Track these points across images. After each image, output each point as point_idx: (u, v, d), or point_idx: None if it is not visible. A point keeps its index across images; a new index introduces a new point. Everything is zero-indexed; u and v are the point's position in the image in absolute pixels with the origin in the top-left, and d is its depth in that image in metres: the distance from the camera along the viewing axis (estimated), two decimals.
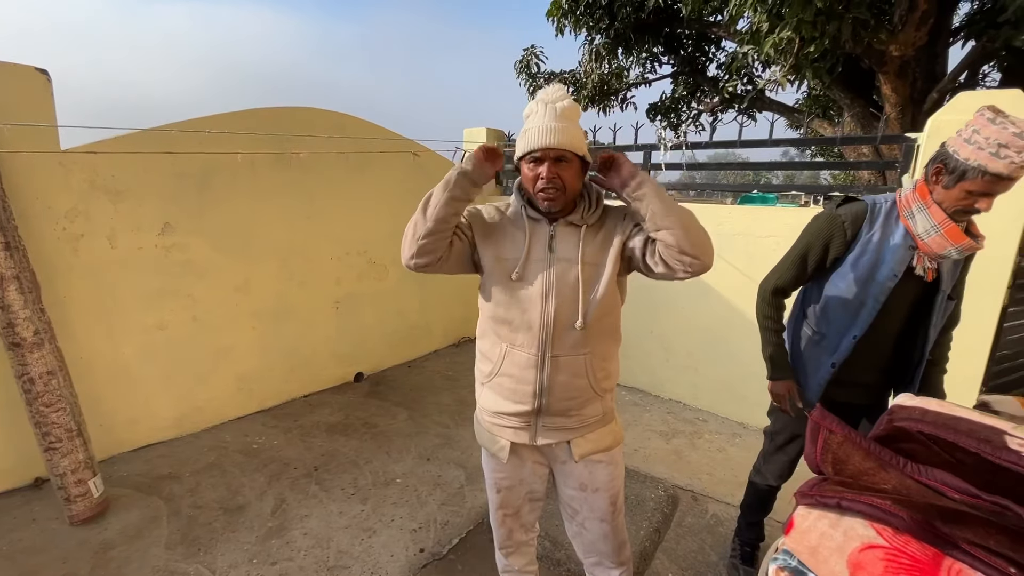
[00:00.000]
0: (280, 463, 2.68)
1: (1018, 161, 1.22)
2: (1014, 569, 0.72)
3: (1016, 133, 1.22)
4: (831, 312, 1.60)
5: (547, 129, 1.17)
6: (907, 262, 1.45)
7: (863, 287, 1.52)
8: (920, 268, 1.45)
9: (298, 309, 3.43)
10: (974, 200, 1.33)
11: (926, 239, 1.40)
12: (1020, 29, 3.47)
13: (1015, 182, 1.28)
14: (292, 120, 3.17)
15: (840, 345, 1.58)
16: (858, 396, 1.67)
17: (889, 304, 1.50)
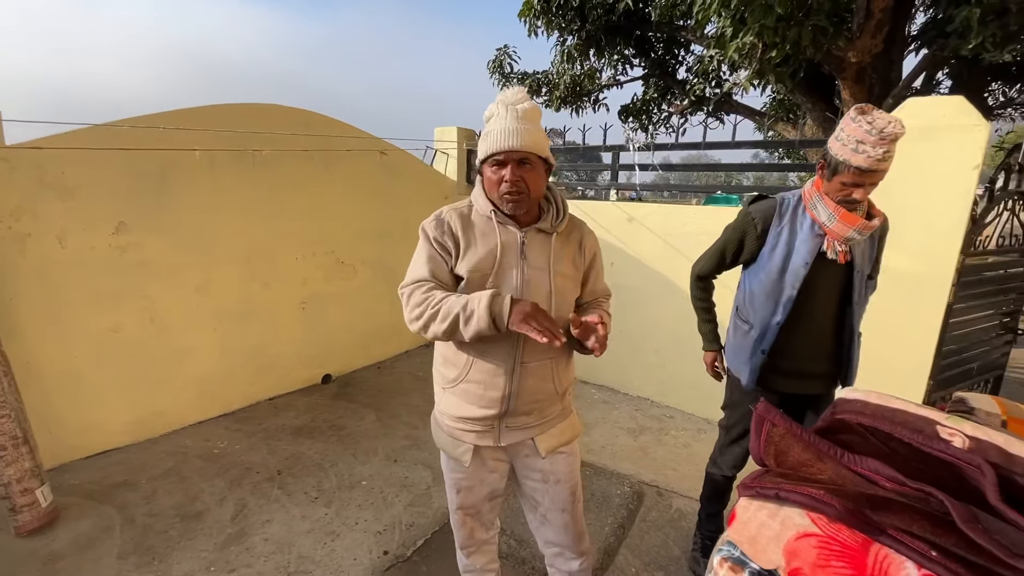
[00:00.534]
0: (242, 468, 2.62)
1: (873, 155, 1.37)
2: (935, 552, 0.75)
3: (868, 130, 1.37)
4: (755, 302, 1.71)
5: (510, 131, 1.16)
6: (817, 249, 1.57)
7: (780, 276, 1.63)
8: (831, 252, 1.57)
9: (262, 310, 3.35)
10: (849, 191, 1.47)
11: (830, 225, 1.54)
12: (966, 39, 3.64)
13: (882, 173, 1.42)
14: (254, 117, 3.10)
15: (767, 333, 1.68)
16: (808, 386, 1.75)
17: (814, 290, 1.61)
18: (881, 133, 1.36)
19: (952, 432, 1.06)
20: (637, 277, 3.60)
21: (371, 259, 4.00)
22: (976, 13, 3.53)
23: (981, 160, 2.21)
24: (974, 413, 1.52)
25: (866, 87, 4.86)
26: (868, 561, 0.77)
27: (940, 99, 2.31)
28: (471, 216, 1.29)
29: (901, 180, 2.38)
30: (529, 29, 6.57)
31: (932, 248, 2.34)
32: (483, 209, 1.28)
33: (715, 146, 3.39)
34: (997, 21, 3.54)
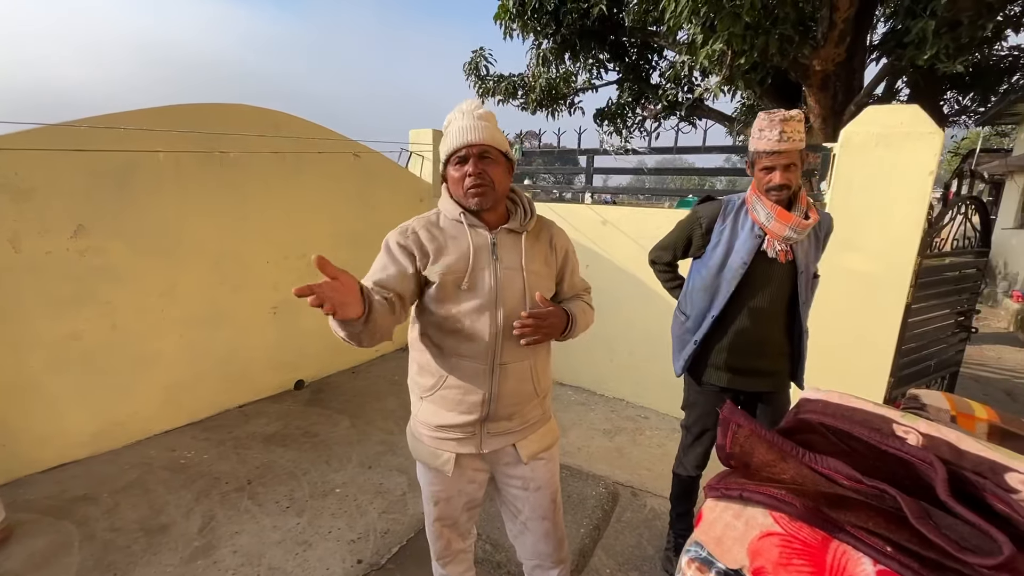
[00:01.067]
0: (210, 478, 2.54)
1: (771, 136, 1.56)
2: (890, 548, 0.78)
3: (766, 119, 1.58)
4: (694, 296, 1.81)
5: (468, 127, 1.20)
6: (756, 249, 1.66)
7: (719, 273, 1.72)
8: (771, 251, 1.66)
9: (232, 315, 3.27)
10: (769, 176, 1.62)
11: (769, 225, 1.64)
12: (922, 50, 3.80)
13: (789, 155, 1.58)
14: (222, 118, 3.02)
15: (701, 325, 1.78)
16: (759, 384, 1.80)
17: (757, 289, 1.69)
18: (772, 118, 1.57)
19: (907, 430, 1.10)
20: (611, 279, 3.64)
21: (345, 263, 3.84)
22: (931, 25, 3.69)
23: (935, 166, 2.31)
24: (926, 409, 1.59)
25: (830, 94, 5.02)
26: (827, 558, 0.80)
27: (897, 107, 2.40)
28: (440, 223, 1.29)
29: (861, 185, 2.48)
30: (504, 32, 6.58)
31: (891, 250, 2.43)
32: (451, 213, 1.28)
33: (687, 151, 3.46)
34: (950, 33, 3.71)
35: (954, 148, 16.50)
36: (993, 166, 9.57)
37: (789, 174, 1.61)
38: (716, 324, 1.76)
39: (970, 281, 3.27)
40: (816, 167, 3.14)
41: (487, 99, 7.73)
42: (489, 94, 7.69)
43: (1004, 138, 15.14)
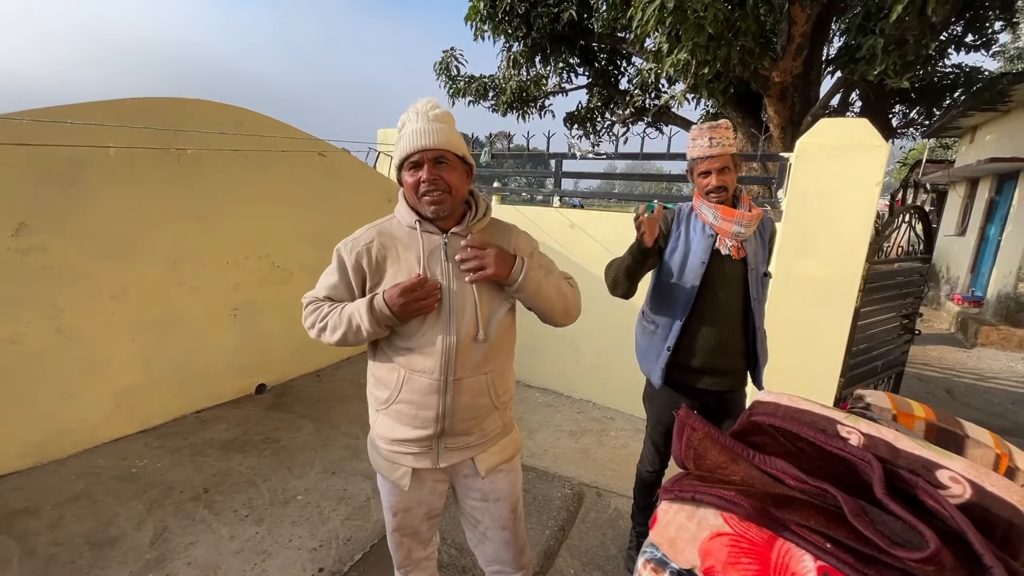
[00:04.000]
0: (164, 487, 2.45)
1: (702, 143, 1.70)
2: (829, 544, 0.82)
3: (697, 127, 1.73)
4: (660, 303, 1.85)
5: (422, 131, 1.16)
6: (711, 247, 1.76)
7: (680, 276, 1.79)
8: (724, 248, 1.76)
9: (189, 317, 3.15)
10: (705, 180, 1.74)
11: (718, 224, 1.74)
12: (872, 65, 4.00)
13: (718, 158, 1.70)
14: (180, 113, 2.92)
15: (671, 330, 1.81)
16: (720, 383, 1.86)
17: (715, 288, 1.76)
18: (701, 127, 1.72)
19: (850, 430, 1.16)
20: (579, 281, 3.66)
21: (310, 263, 3.86)
22: (880, 43, 3.88)
23: (881, 177, 2.43)
24: (871, 408, 1.67)
25: (788, 105, 5.22)
26: (772, 556, 0.83)
27: (847, 121, 2.52)
28: (393, 230, 1.26)
29: (815, 194, 2.58)
30: (475, 33, 6.58)
31: (841, 256, 2.55)
32: (406, 220, 1.25)
33: (652, 156, 3.54)
34: (897, 51, 3.91)
35: (903, 158, 17.42)
36: (937, 176, 10.14)
37: (724, 176, 1.72)
38: (684, 327, 1.80)
39: (914, 286, 3.46)
40: (774, 176, 3.27)
41: (458, 100, 7.72)
42: (460, 95, 7.67)
43: (948, 150, 16.08)
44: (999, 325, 6.58)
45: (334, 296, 1.30)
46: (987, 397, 4.52)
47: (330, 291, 1.30)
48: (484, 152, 4.25)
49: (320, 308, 1.28)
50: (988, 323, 6.70)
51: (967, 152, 9.96)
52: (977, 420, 3.83)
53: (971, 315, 7.20)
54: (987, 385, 4.87)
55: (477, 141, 6.15)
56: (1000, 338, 6.39)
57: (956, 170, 9.17)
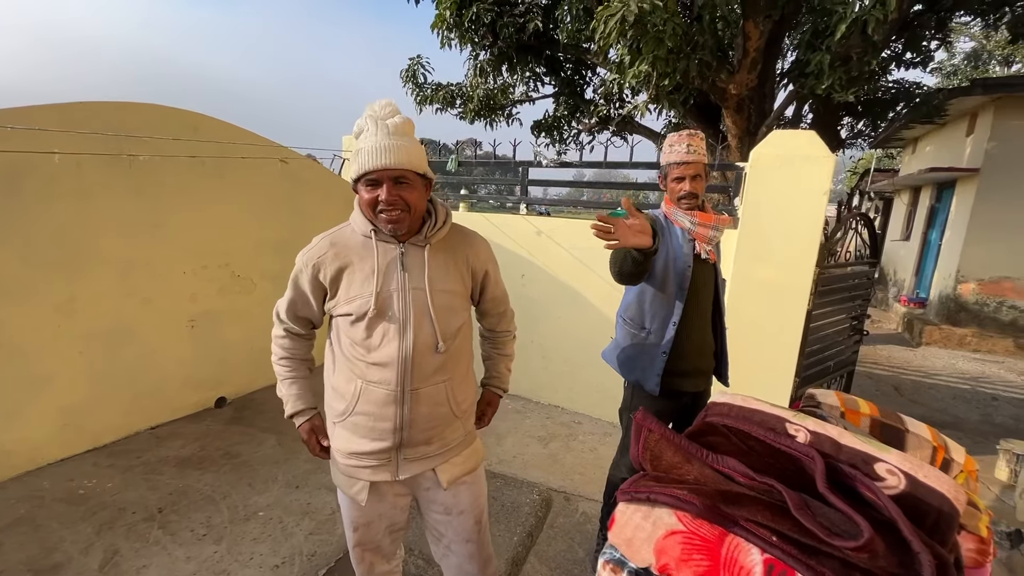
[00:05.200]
0: (114, 508, 2.33)
1: (679, 149, 1.77)
2: (775, 537, 0.86)
3: (674, 135, 1.80)
4: (652, 307, 1.86)
5: (381, 148, 1.11)
6: (692, 251, 1.83)
7: (668, 280, 1.83)
8: (703, 252, 1.83)
9: (142, 330, 3.03)
10: (678, 186, 1.80)
11: (696, 229, 1.81)
12: (820, 80, 4.21)
13: (692, 165, 1.77)
14: (132, 118, 2.81)
15: (665, 335, 1.84)
16: (698, 384, 1.93)
17: (696, 291, 1.83)
18: (680, 134, 1.78)
19: (797, 428, 1.22)
20: (547, 288, 3.73)
21: (272, 272, 3.77)
22: (827, 59, 4.10)
23: (828, 186, 2.56)
24: (821, 407, 1.75)
25: (745, 116, 5.44)
26: (722, 551, 0.87)
27: (796, 132, 2.65)
28: (348, 239, 1.24)
29: (768, 202, 2.70)
30: (442, 41, 6.59)
31: (793, 261, 2.67)
32: (360, 229, 1.23)
33: (615, 165, 3.62)
34: (843, 67, 4.13)
35: (853, 168, 18.34)
36: (883, 184, 10.72)
37: (696, 184, 1.79)
38: (677, 331, 1.84)
39: (862, 289, 3.64)
40: (731, 184, 3.39)
41: (425, 107, 7.70)
42: (427, 102, 7.66)
43: (893, 159, 17.03)
44: (941, 325, 6.98)
45: (297, 309, 1.33)
46: (931, 393, 4.79)
47: (290, 307, 1.34)
48: (451, 160, 4.25)
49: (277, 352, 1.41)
50: (931, 323, 7.10)
51: (910, 162, 10.58)
52: (922, 415, 4.07)
53: (916, 316, 7.62)
54: (931, 382, 5.16)
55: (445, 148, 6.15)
56: (942, 337, 6.79)
57: (900, 179, 9.72)
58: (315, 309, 1.31)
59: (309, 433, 1.41)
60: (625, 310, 1.96)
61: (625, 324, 1.95)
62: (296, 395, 1.40)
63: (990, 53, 15.63)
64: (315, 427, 1.41)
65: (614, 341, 2.02)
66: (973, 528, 1.42)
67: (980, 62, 16.04)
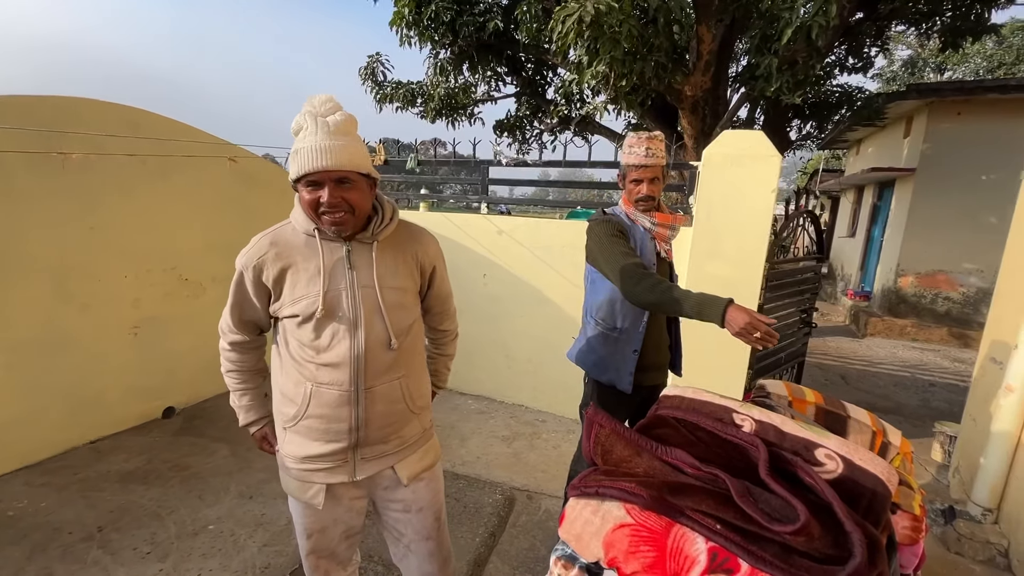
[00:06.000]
0: (48, 529, 2.18)
1: (639, 151, 1.77)
2: (719, 525, 0.88)
3: (634, 136, 1.80)
4: (622, 307, 1.85)
5: (322, 149, 1.06)
6: (654, 249, 1.86)
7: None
8: (662, 251, 1.89)
9: (79, 338, 2.85)
10: (638, 188, 1.81)
11: (656, 229, 1.84)
12: (769, 83, 4.38)
13: (655, 169, 1.80)
14: (63, 113, 2.64)
15: (636, 333, 1.85)
16: (656, 377, 1.97)
17: None
18: (640, 136, 1.78)
19: (743, 418, 1.25)
20: (509, 288, 3.73)
21: (223, 275, 3.61)
22: (775, 62, 4.26)
23: (776, 184, 2.66)
24: (770, 397, 1.81)
25: (700, 117, 5.60)
26: (668, 542, 0.88)
27: (745, 133, 2.73)
28: (290, 238, 1.20)
29: (720, 200, 2.78)
30: (401, 39, 6.50)
31: (744, 257, 2.75)
32: (302, 227, 1.19)
33: (574, 164, 3.65)
34: (789, 70, 4.31)
35: (803, 168, 19.18)
36: (830, 184, 11.26)
37: (654, 186, 1.82)
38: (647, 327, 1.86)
39: (810, 283, 3.80)
40: (686, 183, 3.48)
41: (385, 105, 7.58)
42: (387, 100, 7.54)
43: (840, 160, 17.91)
44: (884, 316, 7.39)
45: (241, 314, 1.28)
46: (874, 381, 5.05)
47: (234, 313, 1.28)
48: (410, 158, 4.19)
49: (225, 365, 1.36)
50: (875, 315, 7.50)
51: (854, 162, 11.15)
52: (866, 402, 4.27)
53: (861, 308, 8.03)
54: (875, 370, 5.45)
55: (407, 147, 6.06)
56: (885, 328, 7.18)
57: (845, 178, 10.22)
58: (260, 312, 1.26)
59: (261, 440, 1.42)
60: (596, 311, 1.93)
61: (597, 325, 1.93)
62: (247, 407, 1.39)
63: (925, 61, 16.67)
64: (267, 435, 1.41)
65: (583, 341, 1.99)
66: (908, 507, 1.49)
67: (916, 69, 17.08)
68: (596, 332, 1.92)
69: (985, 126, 6.71)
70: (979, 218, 6.74)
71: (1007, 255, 2.83)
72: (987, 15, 5.37)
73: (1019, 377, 2.31)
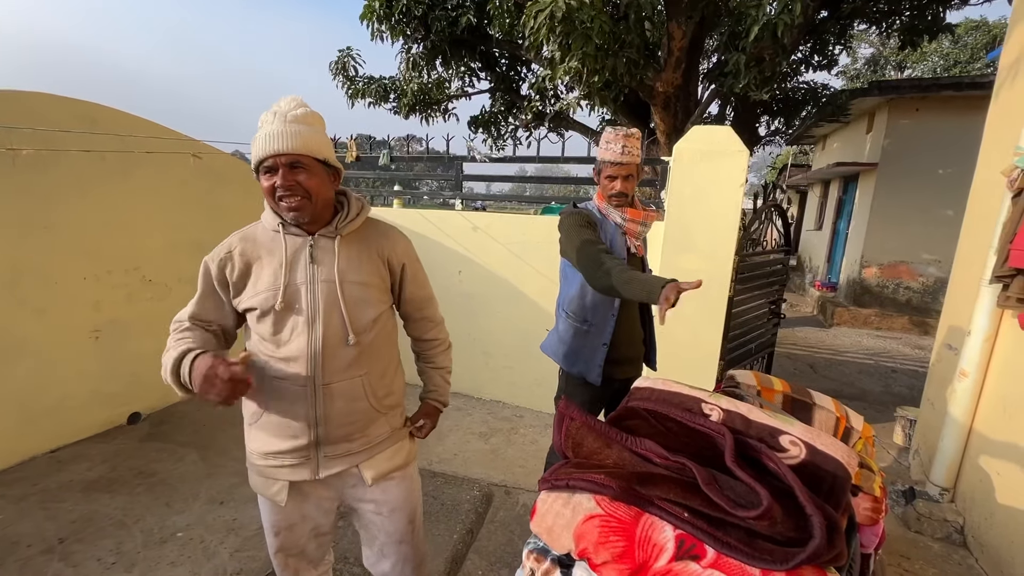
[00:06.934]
0: (5, 543, 2.09)
1: (615, 148, 1.78)
2: (687, 513, 0.90)
3: (611, 132, 1.79)
4: (593, 300, 1.88)
5: (275, 135, 1.10)
6: (625, 244, 1.87)
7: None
8: (632, 246, 1.89)
9: (35, 343, 2.73)
10: (613, 184, 1.82)
11: (626, 224, 1.85)
12: (737, 79, 4.46)
13: (625, 166, 1.79)
14: (13, 108, 2.52)
15: (606, 327, 1.88)
16: (629, 371, 1.98)
17: None
18: (617, 133, 1.79)
19: (712, 407, 1.27)
20: (484, 284, 3.72)
21: (190, 275, 3.46)
22: (743, 59, 4.34)
23: (744, 179, 2.71)
24: (740, 387, 1.85)
25: (672, 113, 5.67)
26: (637, 531, 0.89)
27: (714, 128, 2.78)
28: (258, 235, 1.22)
29: (691, 194, 2.82)
30: (372, 33, 6.39)
31: (715, 250, 2.81)
32: (270, 224, 1.22)
33: (547, 160, 3.66)
34: (757, 67, 4.40)
35: (773, 163, 19.65)
36: (798, 179, 11.57)
37: (628, 184, 1.83)
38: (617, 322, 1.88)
39: (778, 275, 3.91)
40: (658, 178, 3.52)
41: (357, 101, 7.45)
42: (359, 96, 7.41)
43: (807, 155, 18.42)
44: (849, 306, 7.64)
45: (199, 313, 1.23)
46: (841, 369, 5.23)
47: (196, 306, 1.23)
48: (383, 154, 4.14)
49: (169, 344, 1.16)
50: (841, 305, 7.75)
51: (820, 158, 11.47)
52: (833, 390, 4.41)
53: (828, 299, 8.28)
54: (841, 359, 5.63)
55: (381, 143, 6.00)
56: (851, 317, 7.42)
57: (812, 173, 10.51)
58: (226, 310, 1.24)
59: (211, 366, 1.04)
60: (568, 304, 1.96)
61: (568, 317, 1.96)
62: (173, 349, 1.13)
63: (886, 59, 17.25)
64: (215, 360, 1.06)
65: (555, 334, 2.02)
66: (868, 489, 1.55)
67: (878, 67, 17.66)
68: (567, 324, 1.95)
69: (941, 122, 6.98)
70: (936, 211, 7.02)
71: (960, 246, 2.95)
72: (943, 14, 5.59)
73: (972, 363, 2.42)
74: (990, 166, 2.61)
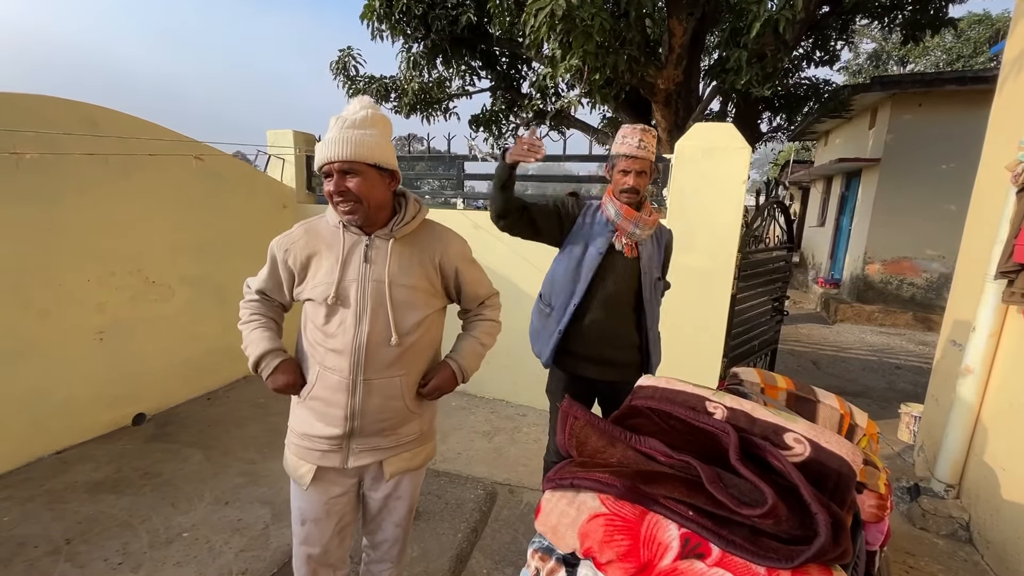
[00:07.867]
0: (12, 544, 2.10)
1: (632, 142, 1.78)
2: (691, 512, 0.90)
3: (627, 127, 1.82)
4: (557, 287, 1.92)
5: (331, 141, 1.16)
6: (608, 242, 1.85)
7: (578, 264, 1.87)
8: (619, 244, 1.85)
9: (40, 345, 2.74)
10: (625, 179, 1.82)
11: (618, 221, 1.83)
12: (739, 76, 4.45)
13: (645, 162, 1.80)
14: (16, 111, 2.52)
15: (564, 314, 1.89)
16: (608, 373, 1.93)
17: (608, 281, 1.86)
18: (634, 127, 1.80)
19: (716, 405, 1.27)
20: None
21: (192, 276, 3.52)
22: (744, 55, 4.33)
23: (746, 175, 2.71)
24: (743, 384, 1.85)
25: (673, 110, 5.66)
26: (642, 530, 0.89)
27: (716, 125, 2.78)
28: (320, 229, 1.29)
29: (692, 191, 2.82)
30: (372, 33, 6.39)
31: (717, 248, 2.80)
32: (332, 219, 1.29)
33: (550, 159, 3.65)
34: (759, 63, 4.38)
35: (775, 160, 19.59)
36: (800, 175, 11.53)
37: (640, 179, 1.82)
38: (575, 314, 1.88)
39: (781, 272, 3.90)
40: (659, 176, 3.51)
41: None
42: (360, 95, 7.41)
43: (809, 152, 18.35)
44: (853, 303, 7.62)
45: (266, 289, 1.35)
46: (844, 366, 5.21)
47: (263, 283, 1.35)
48: None
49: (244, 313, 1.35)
50: (844, 302, 7.73)
51: (823, 154, 11.43)
52: (836, 386, 4.40)
53: (831, 295, 8.26)
54: (845, 355, 5.62)
55: None
56: (854, 314, 7.40)
57: (814, 169, 10.48)
58: (285, 292, 1.34)
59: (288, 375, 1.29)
60: (543, 286, 2.03)
61: (539, 300, 2.04)
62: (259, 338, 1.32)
63: (888, 54, 17.17)
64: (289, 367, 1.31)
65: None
66: (873, 486, 1.54)
67: (880, 62, 17.58)
68: (536, 305, 2.05)
69: (944, 117, 6.95)
70: (940, 206, 6.99)
71: (964, 242, 2.94)
72: (945, 9, 5.55)
73: (977, 359, 2.41)
74: (994, 161, 2.60)
